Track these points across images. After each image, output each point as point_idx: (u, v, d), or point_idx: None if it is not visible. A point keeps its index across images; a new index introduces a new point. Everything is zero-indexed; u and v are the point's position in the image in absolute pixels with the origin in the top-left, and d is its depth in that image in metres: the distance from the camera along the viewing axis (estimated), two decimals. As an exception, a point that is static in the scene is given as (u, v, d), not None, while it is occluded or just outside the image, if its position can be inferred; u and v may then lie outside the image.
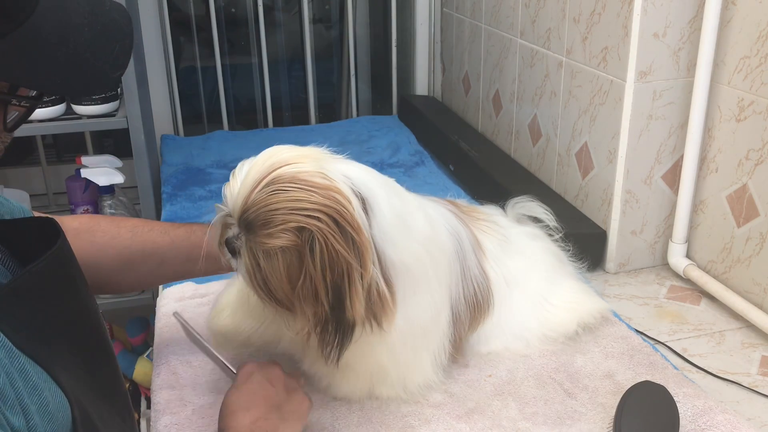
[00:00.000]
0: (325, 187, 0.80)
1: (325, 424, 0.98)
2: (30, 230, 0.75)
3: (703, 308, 1.33)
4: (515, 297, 1.13)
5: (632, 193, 1.41)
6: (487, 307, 1.10)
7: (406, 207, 0.92)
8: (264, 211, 0.79)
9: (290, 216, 0.79)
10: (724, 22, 1.27)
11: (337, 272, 0.81)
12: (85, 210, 1.90)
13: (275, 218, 0.79)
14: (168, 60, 2.14)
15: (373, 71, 2.52)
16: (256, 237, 0.81)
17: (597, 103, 1.44)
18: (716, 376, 1.14)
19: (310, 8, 2.30)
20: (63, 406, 0.65)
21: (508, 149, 1.86)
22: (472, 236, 1.10)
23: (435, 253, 0.97)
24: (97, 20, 0.65)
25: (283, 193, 0.79)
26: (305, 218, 0.79)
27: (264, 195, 0.80)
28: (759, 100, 1.22)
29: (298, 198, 0.79)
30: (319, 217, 0.79)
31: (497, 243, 1.14)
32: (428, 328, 0.99)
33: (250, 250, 0.83)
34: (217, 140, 2.10)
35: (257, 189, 0.80)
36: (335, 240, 0.79)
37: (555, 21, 1.57)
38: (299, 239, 0.80)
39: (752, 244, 1.27)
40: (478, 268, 1.08)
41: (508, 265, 1.13)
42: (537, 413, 1.00)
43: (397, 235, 0.87)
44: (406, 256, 0.89)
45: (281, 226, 0.79)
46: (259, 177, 0.81)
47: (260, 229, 0.80)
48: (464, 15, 2.07)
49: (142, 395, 1.75)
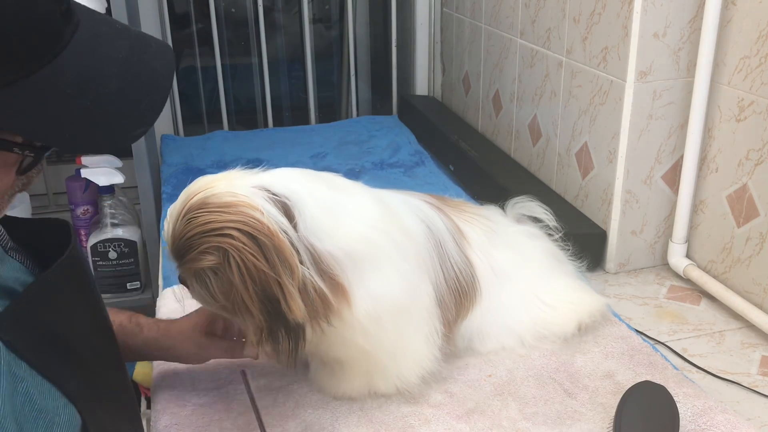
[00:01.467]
0: (232, 204, 0.85)
1: (324, 424, 0.98)
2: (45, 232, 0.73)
3: (703, 308, 1.33)
4: (505, 288, 1.13)
5: (632, 193, 1.41)
6: (473, 294, 1.10)
7: (341, 197, 0.95)
8: (184, 240, 0.85)
9: (204, 239, 0.84)
10: (724, 22, 1.27)
11: (259, 281, 0.84)
12: (85, 210, 1.90)
13: (193, 243, 0.85)
14: (168, 60, 2.13)
15: (373, 71, 2.52)
16: (185, 265, 0.88)
17: (597, 103, 1.44)
18: (716, 376, 1.14)
19: (310, 8, 2.29)
20: (72, 422, 0.64)
21: (508, 149, 1.86)
22: (452, 225, 1.10)
23: (392, 233, 0.98)
24: (131, 69, 0.59)
25: (195, 220, 0.85)
26: (217, 237, 0.83)
27: (181, 226, 0.86)
28: (759, 100, 1.22)
29: (208, 221, 0.84)
30: (230, 234, 0.83)
31: (483, 234, 1.15)
32: (407, 306, 0.99)
33: (188, 278, 0.90)
34: (217, 140, 2.10)
35: (177, 222, 0.87)
36: (248, 252, 0.83)
37: (555, 21, 1.57)
38: (218, 258, 0.84)
39: (752, 244, 1.27)
40: (459, 255, 1.08)
41: (495, 256, 1.14)
42: (537, 413, 1.00)
43: (330, 226, 0.90)
44: (348, 244, 0.91)
45: (197, 250, 0.85)
46: (178, 211, 0.87)
47: (185, 257, 0.87)
48: (464, 15, 2.07)
49: (142, 395, 1.74)
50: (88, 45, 0.57)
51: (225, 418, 1.00)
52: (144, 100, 0.60)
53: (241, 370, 1.05)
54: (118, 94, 0.58)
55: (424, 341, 1.02)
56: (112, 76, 0.57)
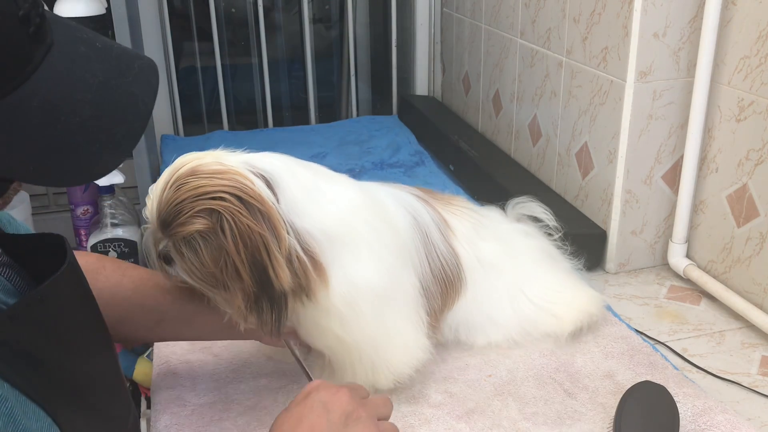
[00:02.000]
0: (223, 172, 0.86)
1: (325, 424, 0.97)
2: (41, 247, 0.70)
3: (703, 308, 1.33)
4: (491, 280, 1.13)
5: (632, 193, 1.41)
6: (459, 284, 1.10)
7: (323, 183, 0.96)
8: (173, 206, 0.86)
9: (196, 202, 0.85)
10: (724, 22, 1.27)
11: (250, 245, 0.85)
12: (85, 210, 1.90)
13: (183, 208, 0.85)
14: (168, 60, 2.14)
15: (373, 71, 2.52)
16: (173, 231, 0.87)
17: (597, 103, 1.44)
18: (716, 376, 1.14)
19: (310, 8, 2.29)
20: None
21: (508, 149, 1.86)
22: (438, 216, 1.11)
23: (372, 221, 0.98)
24: (107, 95, 0.54)
25: (185, 185, 0.85)
26: (209, 201, 0.84)
27: (170, 193, 0.86)
28: (759, 100, 1.22)
29: (199, 185, 0.85)
30: (222, 197, 0.84)
31: (469, 225, 1.15)
32: (387, 293, 0.98)
33: (175, 248, 0.88)
34: (217, 140, 2.10)
35: (164, 191, 0.87)
36: (241, 215, 0.84)
37: (555, 21, 1.57)
38: (210, 222, 0.85)
39: (752, 244, 1.27)
40: (444, 245, 1.08)
41: (482, 247, 1.14)
42: (537, 413, 1.00)
43: (309, 205, 0.91)
44: (326, 224, 0.92)
45: (189, 213, 0.85)
46: (165, 182, 0.87)
47: (174, 222, 0.86)
48: (464, 15, 2.07)
49: (142, 395, 1.74)
50: (60, 69, 0.53)
51: (225, 418, 1.00)
52: (119, 128, 0.55)
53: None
54: (90, 122, 0.53)
55: (411, 330, 1.01)
56: (85, 103, 0.53)
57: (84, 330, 0.70)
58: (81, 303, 0.71)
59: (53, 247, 0.70)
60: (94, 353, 0.71)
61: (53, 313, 0.64)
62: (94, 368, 0.70)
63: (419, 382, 1.06)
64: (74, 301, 0.69)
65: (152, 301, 0.96)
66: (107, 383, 0.73)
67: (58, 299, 0.65)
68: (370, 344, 0.99)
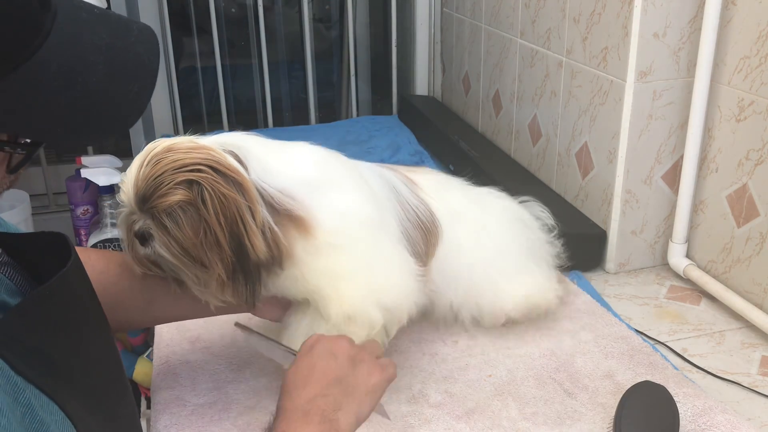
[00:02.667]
0: (197, 147, 0.90)
1: (325, 424, 0.97)
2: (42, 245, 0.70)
3: (703, 308, 1.33)
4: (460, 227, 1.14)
5: (632, 193, 1.41)
6: (436, 231, 1.11)
7: (287, 147, 1.00)
8: (152, 181, 0.88)
9: (175, 174, 0.87)
10: (724, 22, 1.27)
11: (230, 215, 0.87)
12: (85, 210, 1.90)
13: (163, 180, 0.87)
14: (168, 60, 2.14)
15: (373, 71, 2.52)
16: (154, 204, 0.88)
17: (597, 103, 1.44)
18: (716, 376, 1.14)
19: (310, 8, 2.30)
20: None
21: (508, 149, 1.86)
22: (402, 176, 1.13)
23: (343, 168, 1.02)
24: (116, 56, 0.57)
25: (162, 160, 0.88)
26: (189, 172, 0.87)
27: (147, 169, 0.89)
28: (759, 100, 1.22)
29: (176, 159, 0.88)
30: (200, 169, 0.87)
31: (435, 181, 1.18)
32: (378, 221, 1.00)
33: (155, 221, 0.90)
34: (217, 140, 2.10)
35: (141, 169, 0.89)
36: (220, 185, 0.87)
37: (555, 21, 1.57)
38: (191, 193, 0.87)
39: (752, 244, 1.27)
40: (413, 197, 1.11)
41: (448, 197, 1.16)
42: (537, 413, 1.00)
43: (279, 165, 0.94)
44: (302, 174, 0.95)
45: (169, 185, 0.87)
46: (141, 161, 0.90)
47: (154, 195, 0.88)
48: (464, 15, 2.07)
49: (142, 395, 1.74)
50: (69, 33, 0.55)
51: (225, 418, 1.00)
52: (133, 85, 0.58)
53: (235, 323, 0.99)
54: (106, 81, 0.56)
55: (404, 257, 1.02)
56: (98, 64, 0.55)
57: (90, 325, 0.71)
58: (86, 299, 0.72)
59: (52, 245, 0.70)
60: (100, 349, 0.72)
61: (61, 309, 0.65)
62: (100, 364, 0.71)
63: (419, 382, 1.06)
64: (80, 296, 0.70)
65: (139, 283, 0.97)
66: (113, 379, 0.73)
67: (65, 295, 0.65)
68: (366, 268, 0.99)
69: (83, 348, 0.68)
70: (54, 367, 0.61)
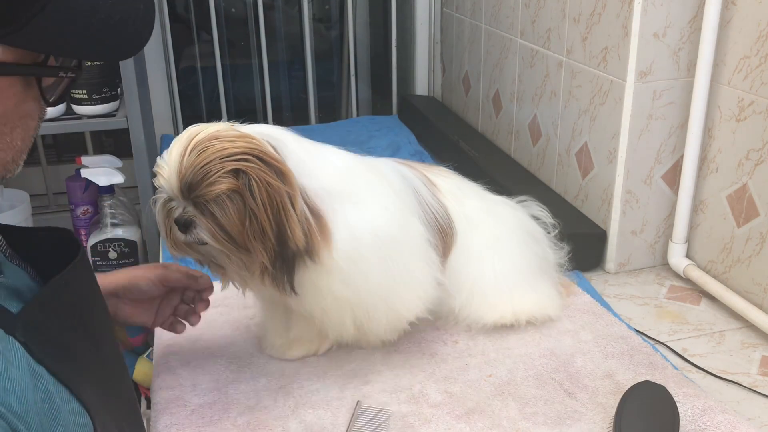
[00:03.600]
0: (241, 136, 0.90)
1: (324, 424, 0.98)
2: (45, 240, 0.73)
3: (703, 308, 1.33)
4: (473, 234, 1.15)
5: (632, 193, 1.41)
6: (452, 234, 1.12)
7: (316, 147, 1.01)
8: (199, 169, 0.88)
9: (222, 163, 0.88)
10: (724, 22, 1.27)
11: (275, 204, 0.89)
12: (85, 210, 1.90)
13: (211, 169, 0.87)
14: (168, 60, 2.14)
15: (373, 71, 2.52)
16: (201, 192, 0.89)
17: (597, 103, 1.44)
18: (716, 376, 1.14)
19: (310, 8, 2.30)
20: (86, 426, 0.64)
21: (508, 149, 1.86)
22: (423, 176, 1.14)
23: (369, 176, 1.03)
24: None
25: (209, 149, 0.88)
26: (236, 162, 0.88)
27: (193, 157, 0.88)
28: (759, 100, 1.22)
29: (223, 148, 0.88)
30: (247, 158, 0.88)
31: (453, 184, 1.19)
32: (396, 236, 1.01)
33: (201, 209, 0.90)
34: (217, 140, 2.10)
35: (185, 157, 0.89)
36: (266, 174, 0.88)
37: (555, 21, 1.57)
38: (238, 182, 0.88)
39: (752, 244, 1.27)
40: (433, 198, 1.11)
41: (466, 203, 1.17)
42: (537, 413, 1.00)
43: (312, 166, 0.95)
44: (327, 180, 0.96)
45: (218, 174, 0.87)
46: (183, 148, 0.89)
47: (201, 184, 0.88)
48: (464, 15, 2.07)
49: (142, 395, 1.74)
50: None
51: (225, 418, 1.00)
52: (139, 5, 0.65)
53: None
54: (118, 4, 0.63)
55: (424, 267, 1.04)
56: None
57: (99, 316, 0.74)
58: (94, 289, 0.74)
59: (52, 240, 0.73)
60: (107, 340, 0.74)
61: (75, 299, 0.68)
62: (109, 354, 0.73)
63: (419, 382, 1.06)
64: (89, 286, 0.73)
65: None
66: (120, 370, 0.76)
67: (78, 285, 0.68)
68: (377, 294, 1.01)
69: (95, 338, 0.70)
70: (70, 357, 0.64)
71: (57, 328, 0.64)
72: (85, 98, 1.68)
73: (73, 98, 1.68)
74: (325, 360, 1.11)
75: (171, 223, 0.93)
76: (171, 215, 0.93)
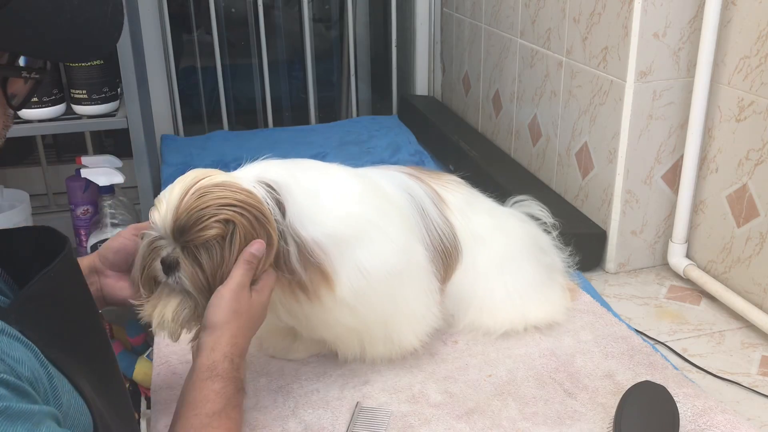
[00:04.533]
0: (242, 189, 0.91)
1: (324, 424, 0.98)
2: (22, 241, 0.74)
3: (703, 308, 1.33)
4: (480, 253, 1.14)
5: (632, 193, 1.41)
6: (457, 255, 1.12)
7: (324, 179, 1.01)
8: (196, 211, 0.89)
9: (219, 210, 0.89)
10: (724, 22, 1.27)
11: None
12: (85, 210, 1.90)
13: (207, 213, 0.88)
14: (168, 60, 2.14)
15: (373, 71, 2.52)
16: (191, 236, 0.89)
17: (597, 103, 1.44)
18: (716, 376, 1.14)
19: (310, 8, 2.30)
20: (85, 415, 0.65)
21: (508, 149, 1.86)
22: (431, 191, 1.13)
23: (376, 203, 1.02)
24: None
25: (210, 194, 0.90)
26: (232, 212, 0.89)
27: (193, 199, 0.89)
28: (759, 100, 1.22)
29: (224, 196, 0.90)
30: (242, 213, 0.90)
31: (462, 199, 1.17)
32: (400, 269, 1.01)
33: (188, 253, 0.91)
34: (217, 140, 2.10)
35: (186, 198, 0.90)
36: (252, 230, 0.90)
37: (555, 21, 1.57)
38: (225, 229, 0.89)
39: (752, 244, 1.27)
40: (440, 218, 1.11)
41: (474, 220, 1.16)
42: (537, 413, 1.00)
43: (315, 212, 0.95)
44: (332, 226, 0.96)
45: (213, 219, 0.88)
46: (185, 190, 0.90)
47: (194, 227, 0.89)
48: (464, 15, 2.07)
49: (142, 395, 1.74)
50: None
51: (225, 418, 0.99)
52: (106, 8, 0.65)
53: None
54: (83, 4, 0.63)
55: (423, 299, 1.05)
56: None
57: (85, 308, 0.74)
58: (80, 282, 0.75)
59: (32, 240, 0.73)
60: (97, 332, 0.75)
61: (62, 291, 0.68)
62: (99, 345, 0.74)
63: (419, 382, 1.06)
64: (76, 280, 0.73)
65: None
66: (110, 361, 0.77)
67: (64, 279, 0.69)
68: (380, 322, 1.02)
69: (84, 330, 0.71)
70: (64, 346, 0.65)
71: (48, 318, 0.65)
72: (85, 98, 1.67)
73: (73, 98, 1.68)
74: (325, 360, 1.11)
75: (151, 262, 0.93)
76: (155, 254, 0.93)
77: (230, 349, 0.87)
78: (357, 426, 0.97)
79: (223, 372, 0.84)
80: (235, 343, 0.87)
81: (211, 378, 0.84)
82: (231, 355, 0.86)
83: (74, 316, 0.70)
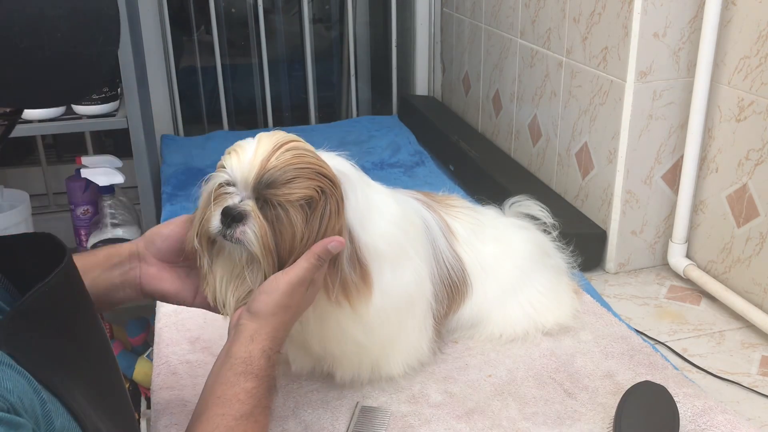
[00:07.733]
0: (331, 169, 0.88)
1: (324, 424, 0.98)
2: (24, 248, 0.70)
3: (703, 308, 1.33)
4: (491, 282, 1.14)
5: (632, 193, 1.41)
6: (465, 289, 1.12)
7: (375, 194, 0.98)
8: (290, 168, 0.83)
9: (317, 177, 0.85)
10: (724, 22, 1.27)
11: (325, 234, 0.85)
12: (85, 210, 1.90)
13: (304, 174, 0.84)
14: (168, 60, 2.14)
15: (373, 71, 2.52)
16: (280, 191, 0.83)
17: (597, 103, 1.44)
18: (716, 376, 1.14)
19: (310, 8, 2.30)
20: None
21: (508, 149, 1.86)
22: (442, 221, 1.12)
23: (408, 230, 1.01)
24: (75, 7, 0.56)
25: (306, 156, 0.85)
26: (328, 183, 0.85)
27: (288, 156, 0.84)
28: (759, 100, 1.22)
29: (321, 165, 0.86)
30: (332, 191, 0.86)
31: (470, 229, 1.16)
32: (414, 300, 1.02)
33: (265, 207, 0.84)
34: (217, 140, 2.10)
35: (278, 153, 0.84)
36: (335, 213, 0.86)
37: (555, 21, 1.57)
38: (318, 198, 0.85)
39: (752, 244, 1.27)
40: (449, 251, 1.10)
41: (482, 250, 1.15)
42: (537, 413, 1.00)
43: (368, 219, 0.93)
44: (375, 239, 0.93)
45: (310, 181, 0.84)
46: (275, 144, 0.85)
47: (286, 184, 0.83)
48: (464, 15, 2.07)
49: (142, 395, 1.74)
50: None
51: (225, 418, 0.99)
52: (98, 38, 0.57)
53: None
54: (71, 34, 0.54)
55: (417, 333, 1.05)
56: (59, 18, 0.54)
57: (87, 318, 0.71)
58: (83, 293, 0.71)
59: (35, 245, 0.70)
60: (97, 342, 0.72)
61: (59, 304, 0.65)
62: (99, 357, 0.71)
63: (419, 382, 1.06)
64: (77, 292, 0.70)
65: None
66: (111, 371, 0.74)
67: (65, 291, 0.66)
68: (380, 345, 1.01)
69: (84, 342, 0.68)
70: (59, 364, 0.62)
71: (41, 335, 0.61)
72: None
73: (73, 98, 1.68)
74: (325, 360, 1.11)
75: (211, 210, 0.84)
76: (221, 201, 0.85)
77: (269, 344, 0.81)
78: (357, 426, 0.96)
79: (258, 370, 0.80)
80: (275, 337, 0.82)
81: (245, 374, 0.79)
82: (269, 350, 0.81)
83: (72, 328, 0.66)
